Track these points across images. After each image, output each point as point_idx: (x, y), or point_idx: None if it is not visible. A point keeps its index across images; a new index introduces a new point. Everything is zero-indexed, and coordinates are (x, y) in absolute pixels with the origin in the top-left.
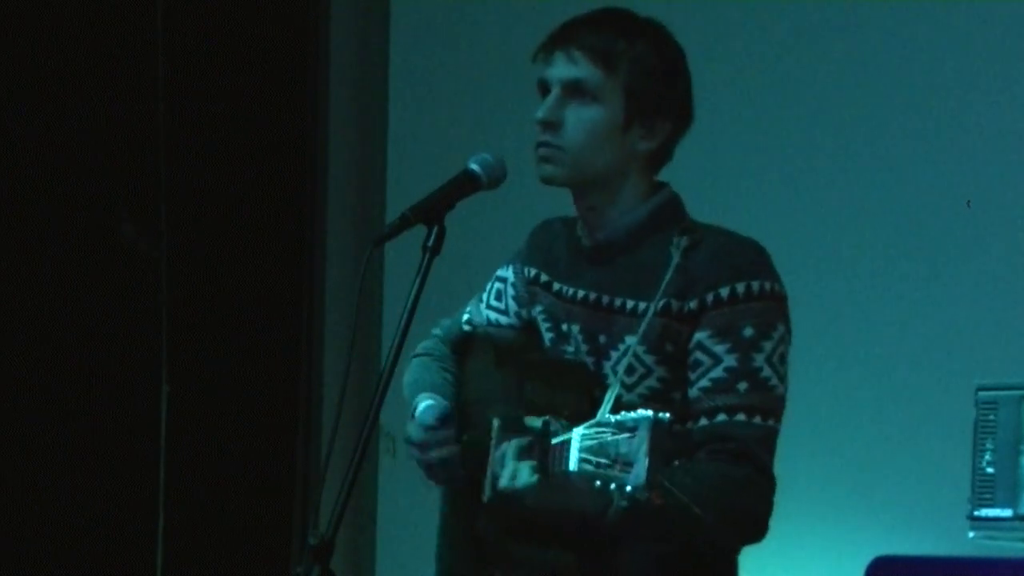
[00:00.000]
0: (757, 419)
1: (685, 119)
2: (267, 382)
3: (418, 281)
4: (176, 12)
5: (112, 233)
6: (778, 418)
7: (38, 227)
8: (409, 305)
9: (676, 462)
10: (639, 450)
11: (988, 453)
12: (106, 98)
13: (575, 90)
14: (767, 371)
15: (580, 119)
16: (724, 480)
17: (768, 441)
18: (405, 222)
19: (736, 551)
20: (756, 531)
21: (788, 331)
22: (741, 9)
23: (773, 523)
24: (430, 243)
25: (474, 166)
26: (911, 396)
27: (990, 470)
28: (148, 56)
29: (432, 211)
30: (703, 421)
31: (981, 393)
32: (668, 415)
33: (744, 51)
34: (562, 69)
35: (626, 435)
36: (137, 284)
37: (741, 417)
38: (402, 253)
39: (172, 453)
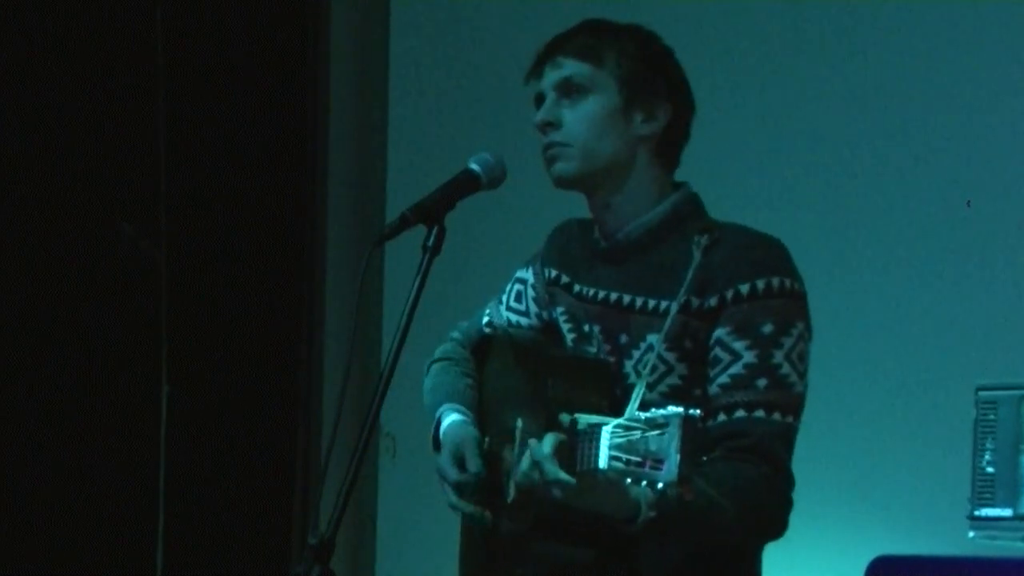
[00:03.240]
0: (776, 415)
1: (685, 105)
2: (267, 382)
3: (418, 281)
4: (176, 12)
5: (112, 233)
6: (797, 415)
7: (39, 227)
8: (409, 305)
9: (704, 458)
10: (670, 446)
11: (988, 453)
12: (105, 99)
13: (567, 89)
14: (786, 368)
15: (578, 112)
16: (742, 480)
17: (786, 438)
18: (405, 222)
19: (759, 548)
20: (775, 529)
21: (808, 329)
22: (740, 10)
23: None
24: (430, 243)
25: (474, 166)
26: (911, 396)
27: (990, 470)
28: (148, 56)
29: (432, 211)
30: (721, 417)
31: (981, 393)
32: (699, 411)
33: (744, 52)
34: (551, 76)
35: (656, 432)
36: (137, 283)
37: (760, 413)
38: (402, 253)
39: (172, 453)
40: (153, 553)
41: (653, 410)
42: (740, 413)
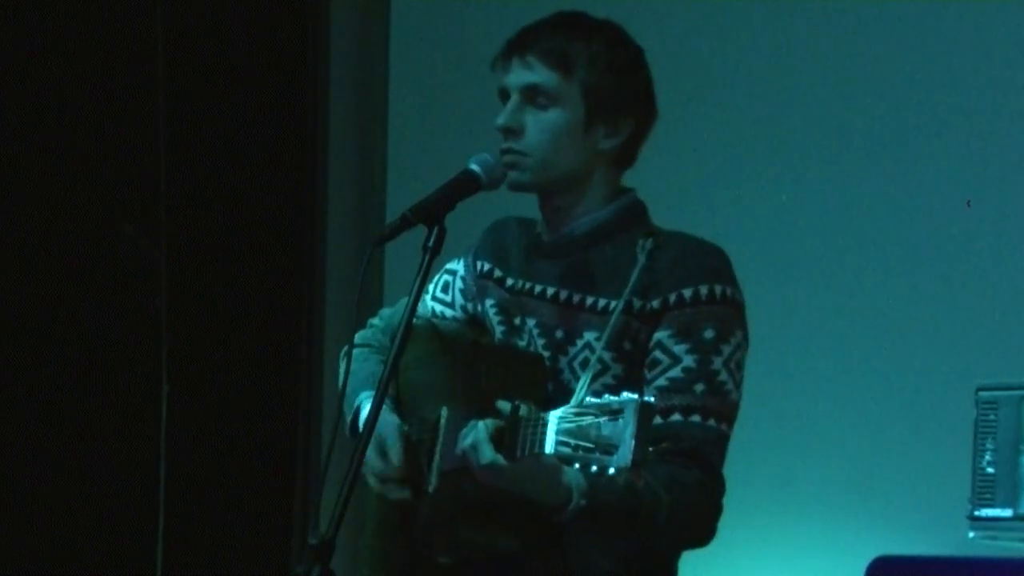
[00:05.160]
0: (711, 422)
1: (648, 115)
2: (267, 382)
3: (418, 281)
4: (176, 12)
5: (112, 233)
6: (731, 424)
7: (39, 227)
8: (409, 305)
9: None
10: (625, 431)
11: (988, 453)
12: (105, 99)
13: (533, 95)
14: (724, 375)
15: (540, 123)
16: (676, 482)
17: (720, 444)
18: (405, 222)
19: (678, 554)
20: (704, 534)
21: (745, 339)
22: (739, 8)
23: (775, 523)
24: (430, 243)
25: (474, 166)
26: (911, 396)
27: (990, 470)
28: (148, 56)
29: (432, 211)
30: (657, 420)
31: (981, 393)
32: (653, 399)
33: (742, 50)
34: (519, 75)
35: (608, 418)
36: (137, 283)
37: (696, 418)
38: (402, 253)
39: (172, 453)
40: (153, 553)
41: (607, 396)
42: (676, 417)
